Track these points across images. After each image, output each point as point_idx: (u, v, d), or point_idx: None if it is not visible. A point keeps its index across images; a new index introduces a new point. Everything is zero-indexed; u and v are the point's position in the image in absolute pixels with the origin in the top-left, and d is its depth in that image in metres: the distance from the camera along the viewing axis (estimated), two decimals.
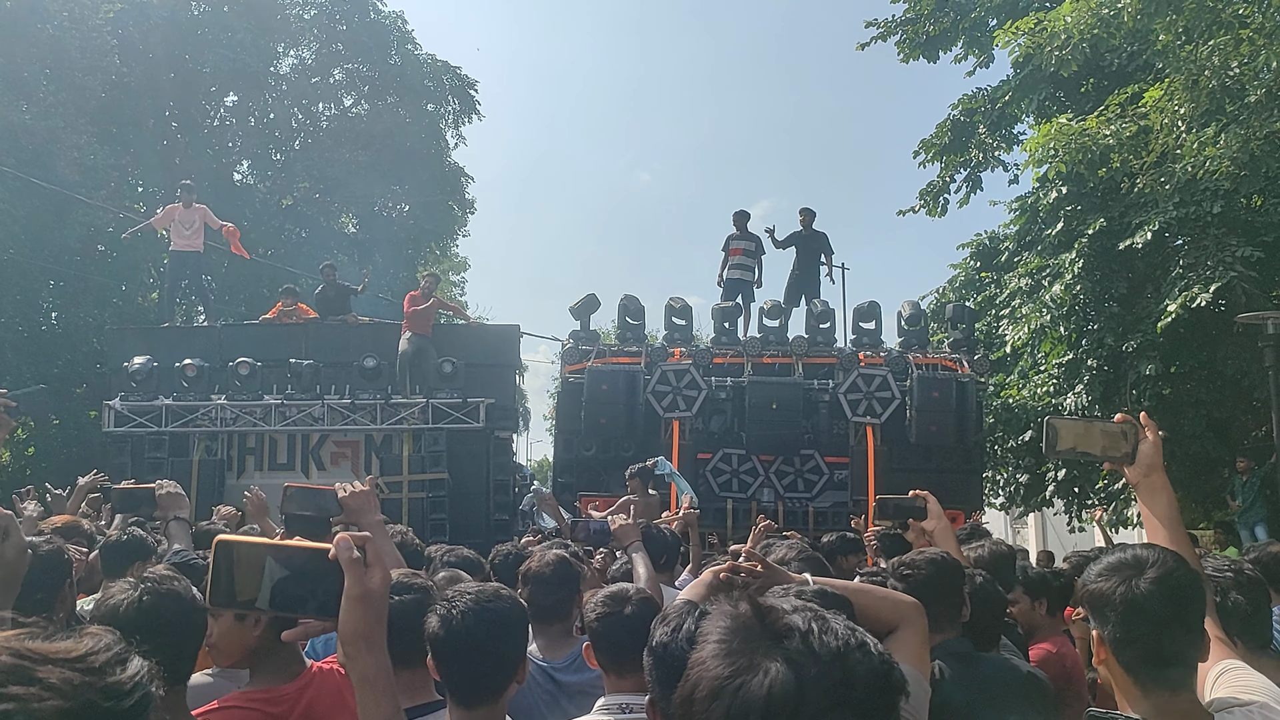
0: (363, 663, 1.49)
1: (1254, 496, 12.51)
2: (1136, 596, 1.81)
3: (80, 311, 20.67)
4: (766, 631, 0.99)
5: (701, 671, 0.99)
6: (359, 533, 1.53)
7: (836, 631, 0.98)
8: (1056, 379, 14.79)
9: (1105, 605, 1.84)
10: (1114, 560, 1.89)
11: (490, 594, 2.43)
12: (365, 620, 1.47)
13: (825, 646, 0.96)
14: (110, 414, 12.47)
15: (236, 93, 26.44)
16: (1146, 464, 2.36)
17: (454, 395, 12.55)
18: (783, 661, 0.95)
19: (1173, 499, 2.36)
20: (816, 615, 1.01)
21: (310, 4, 27.64)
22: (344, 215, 28.80)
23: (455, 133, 30.08)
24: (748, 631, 1.00)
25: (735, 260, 14.08)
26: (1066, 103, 15.51)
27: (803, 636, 0.97)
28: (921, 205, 18.07)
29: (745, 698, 0.94)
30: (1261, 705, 1.88)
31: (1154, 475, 2.36)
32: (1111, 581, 1.84)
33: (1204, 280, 11.96)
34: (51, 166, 18.79)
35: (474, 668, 2.30)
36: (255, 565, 1.46)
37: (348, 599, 1.45)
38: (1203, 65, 10.62)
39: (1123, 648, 1.83)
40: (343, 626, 1.46)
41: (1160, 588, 1.82)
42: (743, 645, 0.98)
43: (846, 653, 0.96)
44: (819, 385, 12.48)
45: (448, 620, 2.31)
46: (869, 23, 17.94)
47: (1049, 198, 14.35)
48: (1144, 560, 1.86)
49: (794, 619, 1.00)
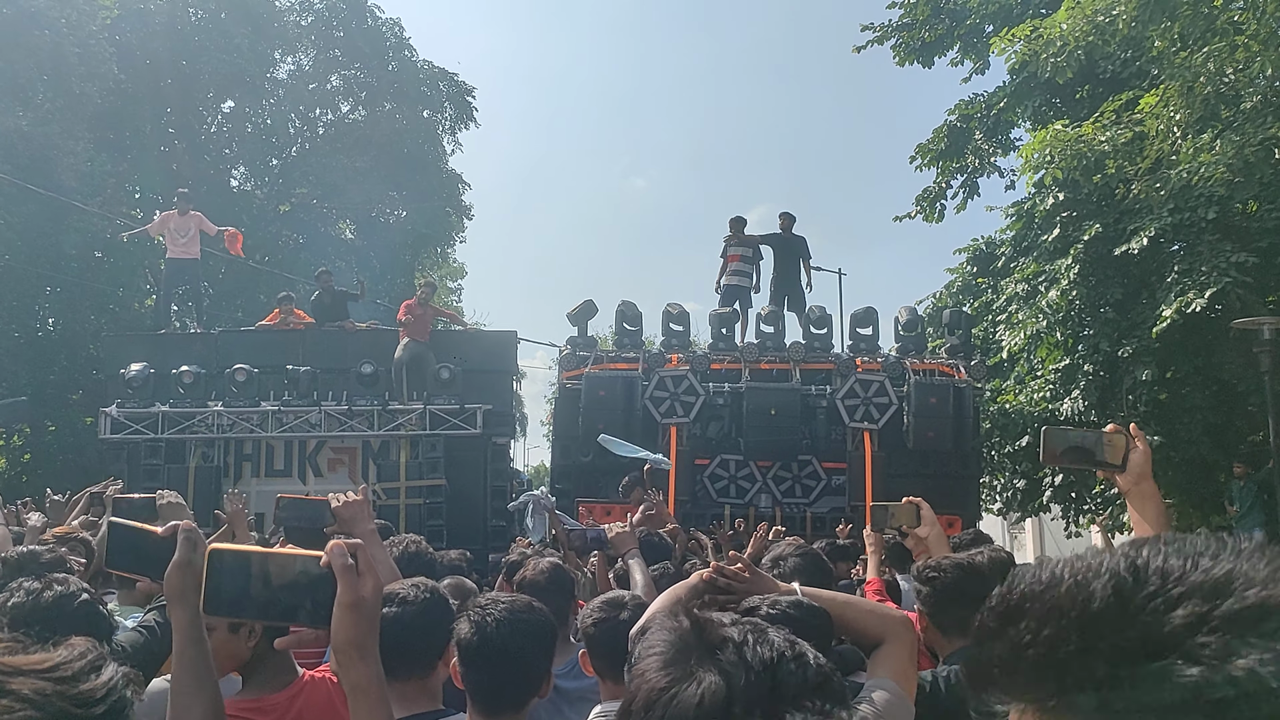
0: (356, 671, 1.48)
1: (1251, 501, 12.53)
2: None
3: (77, 318, 20.65)
4: (703, 644, 1.02)
5: (641, 682, 1.02)
6: (351, 540, 1.52)
7: (773, 644, 1.01)
8: (1053, 384, 14.81)
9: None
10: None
11: (524, 605, 2.44)
12: (358, 628, 1.46)
13: (758, 657, 0.99)
14: (107, 421, 12.45)
15: (234, 99, 26.46)
16: (1137, 472, 2.40)
17: (451, 401, 12.55)
18: (716, 672, 0.98)
19: (1162, 506, 2.40)
20: (754, 628, 1.04)
21: (307, 10, 27.68)
22: (341, 221, 28.83)
23: (452, 139, 30.17)
24: (685, 644, 1.03)
25: (733, 266, 14.09)
26: (1062, 109, 15.56)
27: (736, 648, 1.00)
28: (918, 211, 18.11)
29: (678, 707, 0.97)
30: None
31: (1144, 483, 2.40)
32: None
33: (1199, 286, 11.98)
34: (49, 173, 18.79)
35: (503, 677, 2.30)
36: (247, 573, 1.46)
37: (340, 607, 1.44)
38: (1198, 72, 10.66)
39: None
40: (336, 635, 1.45)
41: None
42: (679, 657, 1.02)
43: (779, 664, 0.99)
44: (816, 391, 12.49)
45: (482, 628, 2.31)
46: (865, 26, 18.00)
47: (1045, 204, 14.38)
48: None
49: (730, 631, 1.03)
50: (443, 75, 29.55)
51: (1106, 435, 2.44)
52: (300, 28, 27.48)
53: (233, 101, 26.66)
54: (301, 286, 23.10)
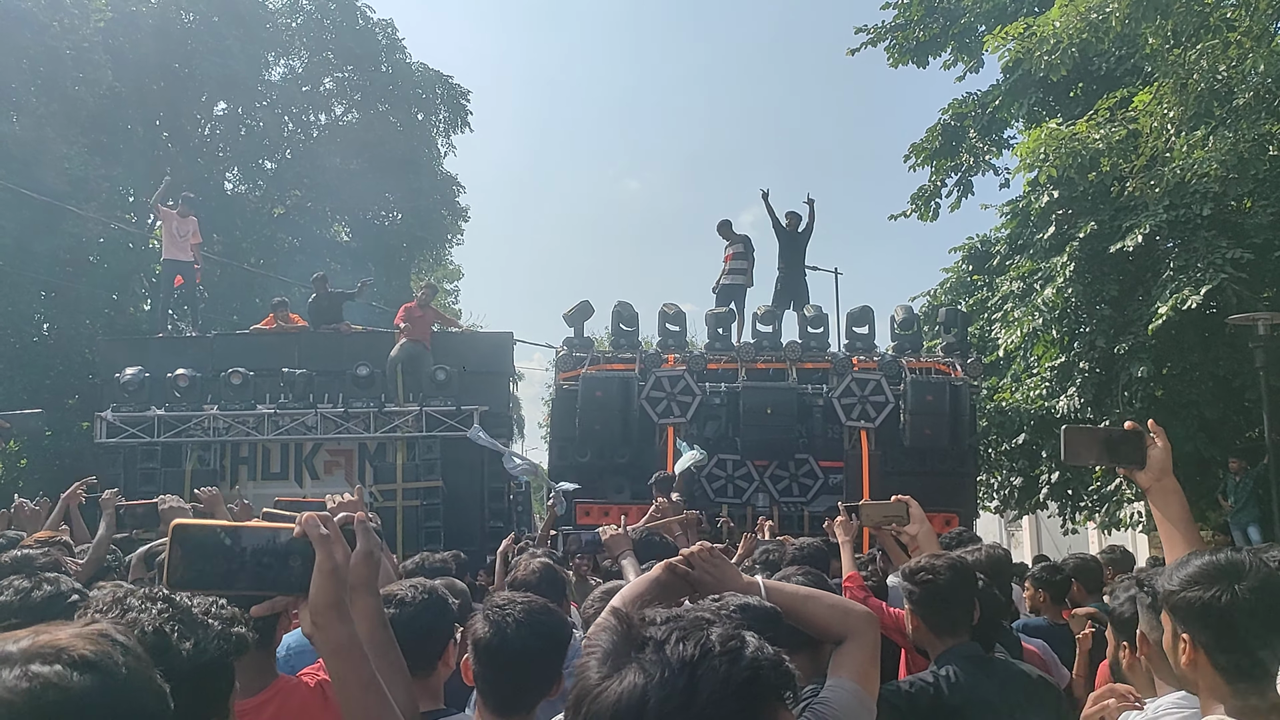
0: (335, 631, 1.55)
1: (1246, 497, 12.56)
2: (1240, 605, 1.81)
3: (72, 322, 20.59)
4: (630, 642, 1.05)
5: (578, 679, 1.06)
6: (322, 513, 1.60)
7: (699, 641, 1.03)
8: (1049, 382, 14.83)
9: (1205, 613, 1.84)
10: (1205, 566, 1.88)
11: (541, 606, 2.43)
12: (336, 591, 1.55)
13: (677, 655, 1.01)
14: (102, 425, 12.43)
15: (226, 102, 26.41)
16: (1158, 469, 2.42)
17: (448, 403, 12.54)
18: (636, 670, 1.01)
19: (1184, 502, 2.41)
20: (681, 626, 1.05)
21: (298, 13, 27.64)
22: (336, 224, 28.78)
23: (446, 141, 30.15)
24: (615, 644, 1.06)
25: (729, 265, 14.11)
26: (1056, 107, 15.59)
27: (656, 646, 1.03)
28: (913, 210, 18.12)
29: (600, 704, 1.01)
30: None
31: (1165, 480, 2.41)
32: (1210, 589, 1.84)
33: (1194, 282, 12.00)
34: (43, 177, 18.73)
35: (518, 678, 2.30)
36: (214, 547, 1.50)
37: (319, 573, 1.52)
38: (1191, 69, 10.68)
39: (1221, 654, 1.84)
40: (314, 598, 1.53)
41: (1263, 595, 1.82)
42: (608, 655, 1.05)
43: (698, 662, 1.00)
44: (813, 390, 12.50)
45: (501, 629, 2.30)
46: (859, 29, 18.00)
47: (1040, 202, 14.40)
48: (1241, 566, 1.86)
49: (654, 630, 1.05)
50: (437, 78, 29.53)
51: (1126, 434, 2.45)
52: (291, 30, 27.43)
53: (225, 104, 26.61)
54: (297, 290, 23.08)
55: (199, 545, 1.50)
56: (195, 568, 1.50)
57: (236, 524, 1.59)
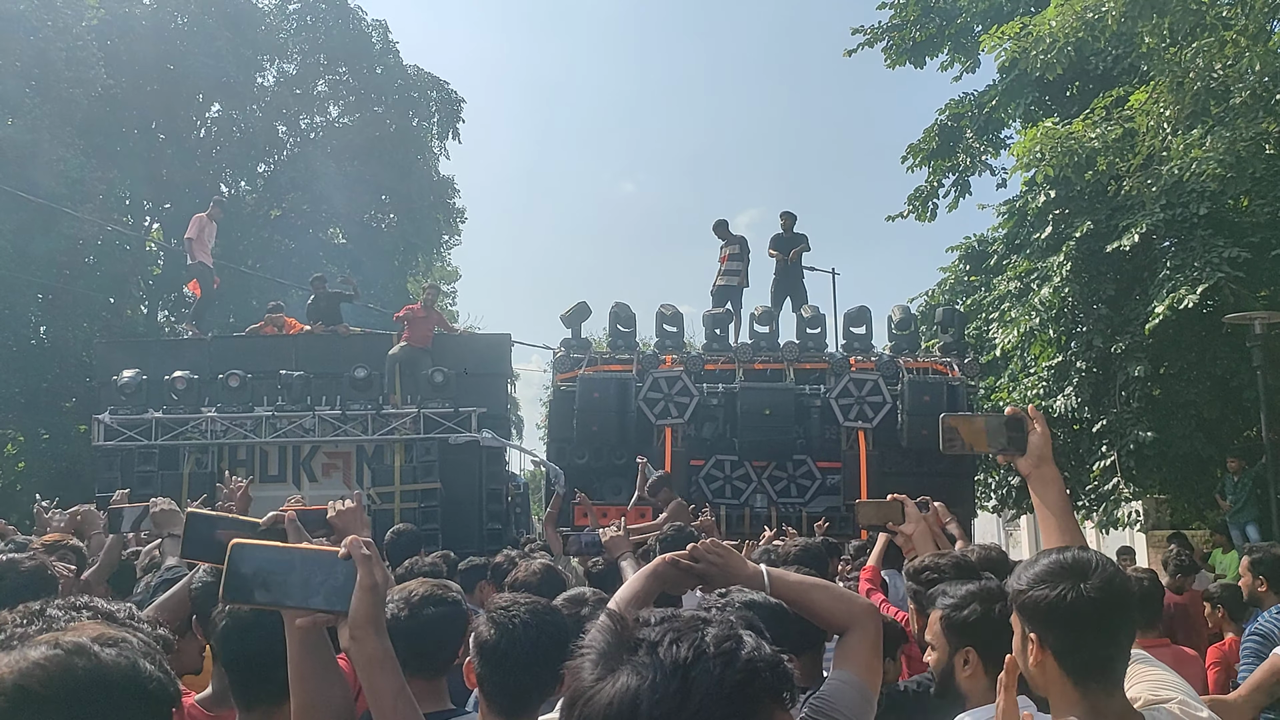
0: (371, 644, 1.68)
1: (1245, 496, 12.55)
2: (1085, 604, 1.78)
3: (68, 325, 20.57)
4: (624, 643, 1.04)
5: (572, 679, 1.06)
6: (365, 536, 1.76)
7: (693, 643, 1.02)
8: (1046, 381, 14.83)
9: (1049, 613, 1.80)
10: (1051, 565, 1.84)
11: (545, 607, 2.44)
12: (376, 608, 1.69)
13: (671, 657, 1.00)
14: (100, 428, 12.41)
15: (221, 104, 26.39)
16: (1037, 455, 2.39)
17: (446, 405, 12.52)
18: (630, 672, 1.00)
19: (1063, 490, 2.39)
20: (675, 628, 1.04)
21: (292, 15, 27.63)
22: (332, 226, 28.78)
23: (441, 144, 30.14)
24: (610, 645, 1.05)
25: (725, 266, 14.12)
26: (1053, 106, 15.59)
27: (650, 648, 1.02)
28: (910, 210, 18.12)
29: (593, 706, 1.01)
30: (1181, 700, 1.90)
31: (1044, 467, 2.38)
32: (1056, 589, 1.80)
33: (1191, 281, 12.00)
34: (39, 179, 18.72)
35: (524, 679, 2.29)
36: (269, 565, 1.65)
37: (361, 589, 1.66)
38: (1187, 68, 10.68)
39: (1067, 655, 1.81)
40: (355, 613, 1.66)
41: (1106, 594, 1.79)
42: (602, 656, 1.04)
43: (692, 664, 0.99)
44: (810, 391, 12.50)
45: (508, 630, 2.30)
46: (855, 29, 17.99)
47: (1037, 201, 14.40)
48: (1086, 564, 1.82)
49: (648, 631, 1.05)
50: (431, 81, 29.54)
51: (1007, 420, 2.42)
52: (285, 32, 27.42)
53: (220, 106, 26.60)
54: (294, 292, 23.06)
55: (252, 562, 1.64)
56: (247, 583, 1.63)
57: (287, 544, 1.74)
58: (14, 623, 1.65)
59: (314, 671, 1.79)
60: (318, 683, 1.81)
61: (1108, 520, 14.28)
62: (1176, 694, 1.93)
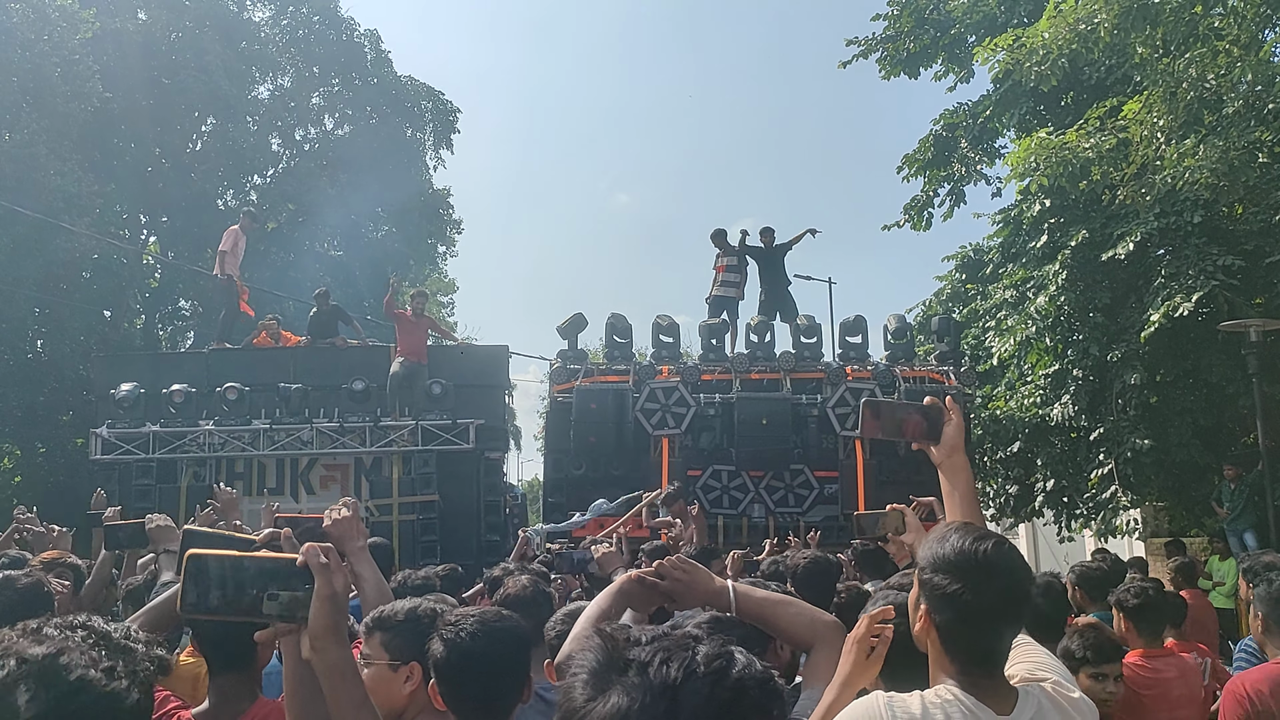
0: (333, 654, 1.65)
1: (1242, 504, 12.56)
2: (980, 607, 1.79)
3: (66, 339, 20.54)
4: (614, 663, 1.05)
5: (563, 699, 1.07)
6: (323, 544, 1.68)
7: (683, 662, 1.03)
8: (1043, 390, 14.86)
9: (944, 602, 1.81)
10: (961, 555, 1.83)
11: (494, 614, 2.46)
12: (335, 616, 1.64)
13: (661, 677, 1.01)
14: (97, 441, 12.40)
15: (215, 117, 26.42)
16: (950, 445, 2.45)
17: (443, 417, 12.53)
18: (620, 692, 1.01)
19: (971, 478, 2.45)
20: (665, 647, 1.05)
21: (285, 28, 27.68)
22: (327, 239, 28.79)
23: (435, 155, 30.19)
24: (600, 664, 1.06)
25: (721, 277, 14.15)
26: (1047, 116, 15.65)
27: (640, 668, 1.03)
28: (906, 220, 18.16)
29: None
30: (1055, 681, 1.93)
31: (956, 456, 2.45)
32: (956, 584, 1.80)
33: (1186, 289, 12.05)
34: (36, 194, 18.70)
35: (483, 688, 2.30)
36: (227, 575, 1.60)
37: (318, 599, 1.62)
38: (1180, 78, 10.74)
39: (951, 640, 1.83)
40: (314, 623, 1.62)
41: (1004, 601, 1.81)
42: (593, 676, 1.05)
43: (682, 684, 1.01)
44: (807, 400, 12.52)
45: (456, 643, 2.31)
46: (850, 41, 18.07)
47: (1032, 210, 14.45)
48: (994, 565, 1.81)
49: (639, 651, 1.05)
50: (425, 91, 29.58)
51: (924, 409, 2.47)
52: (278, 45, 27.46)
53: (214, 120, 26.63)
54: (291, 304, 23.07)
55: (208, 573, 1.60)
56: (204, 594, 1.60)
57: (243, 553, 1.67)
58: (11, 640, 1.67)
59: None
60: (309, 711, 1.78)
61: (1106, 528, 14.29)
62: (1051, 674, 1.96)
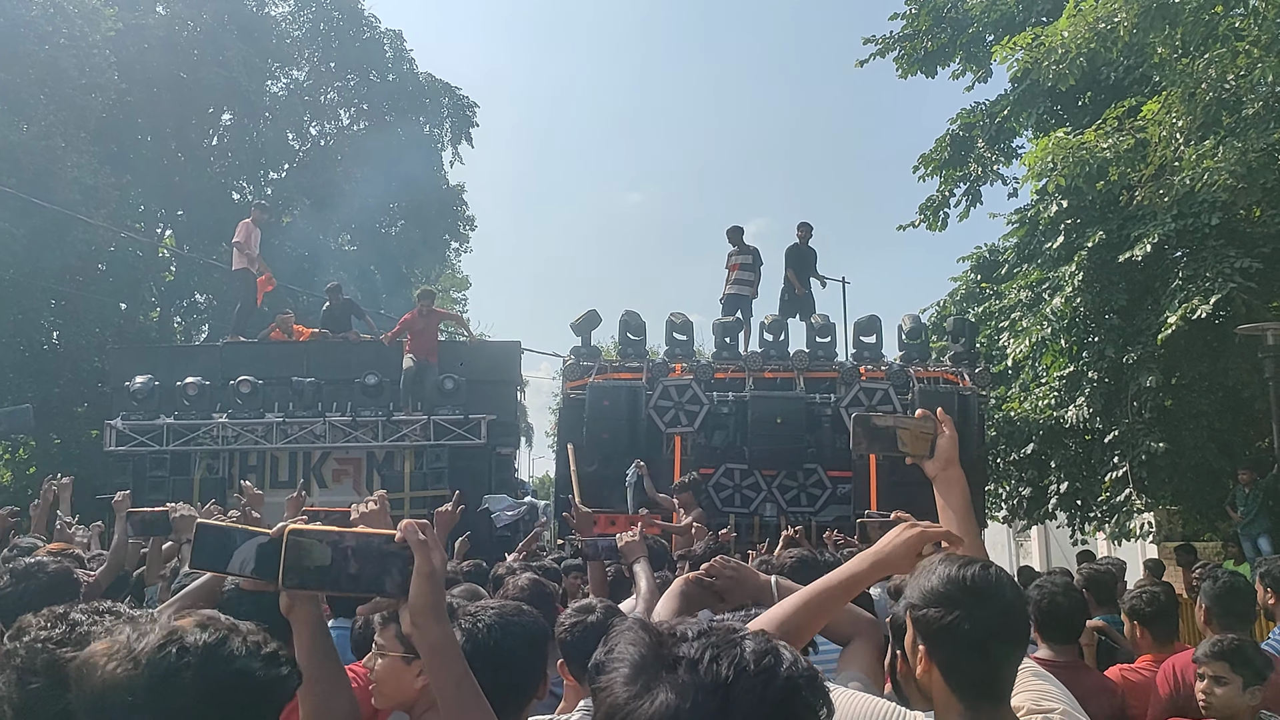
0: (433, 632, 1.65)
1: (1256, 508, 12.48)
2: (977, 633, 1.74)
3: (81, 331, 20.68)
4: (661, 660, 1.04)
5: (605, 694, 1.05)
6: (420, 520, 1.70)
7: (733, 659, 1.02)
8: (1058, 392, 14.79)
9: (940, 635, 1.77)
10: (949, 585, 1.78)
11: (513, 609, 2.45)
12: (435, 594, 1.65)
13: (712, 675, 1.00)
14: (112, 433, 12.48)
15: (232, 112, 26.56)
16: (944, 459, 2.41)
17: (455, 412, 12.55)
18: (669, 690, 1.00)
19: (966, 491, 2.40)
20: (715, 643, 1.04)
21: (304, 23, 27.78)
22: (342, 233, 28.91)
23: (452, 151, 30.26)
24: (645, 659, 1.05)
25: (735, 275, 14.12)
26: (1064, 116, 15.57)
27: (690, 666, 1.02)
28: (921, 220, 18.10)
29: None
30: (1064, 711, 1.90)
31: (950, 469, 2.40)
32: (949, 613, 1.76)
33: (1204, 292, 11.97)
34: (53, 186, 18.83)
35: (499, 682, 2.29)
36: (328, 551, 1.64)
37: (418, 576, 1.62)
38: (1200, 78, 10.67)
39: (953, 673, 1.77)
40: (414, 600, 1.63)
41: (1001, 624, 1.76)
42: (638, 673, 1.03)
43: (734, 683, 1.00)
44: (821, 399, 12.49)
45: (473, 634, 2.30)
46: (867, 39, 18.01)
47: (1048, 211, 14.37)
48: (984, 588, 1.77)
49: (686, 648, 1.04)
50: (444, 89, 29.64)
51: (915, 422, 2.44)
52: (297, 40, 27.57)
53: (231, 114, 26.76)
54: (305, 298, 23.15)
55: (308, 549, 1.63)
56: (304, 569, 1.62)
57: (341, 529, 1.69)
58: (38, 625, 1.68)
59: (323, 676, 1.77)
60: (327, 687, 1.80)
61: (1120, 532, 14.22)
62: (1059, 704, 1.93)
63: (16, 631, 1.69)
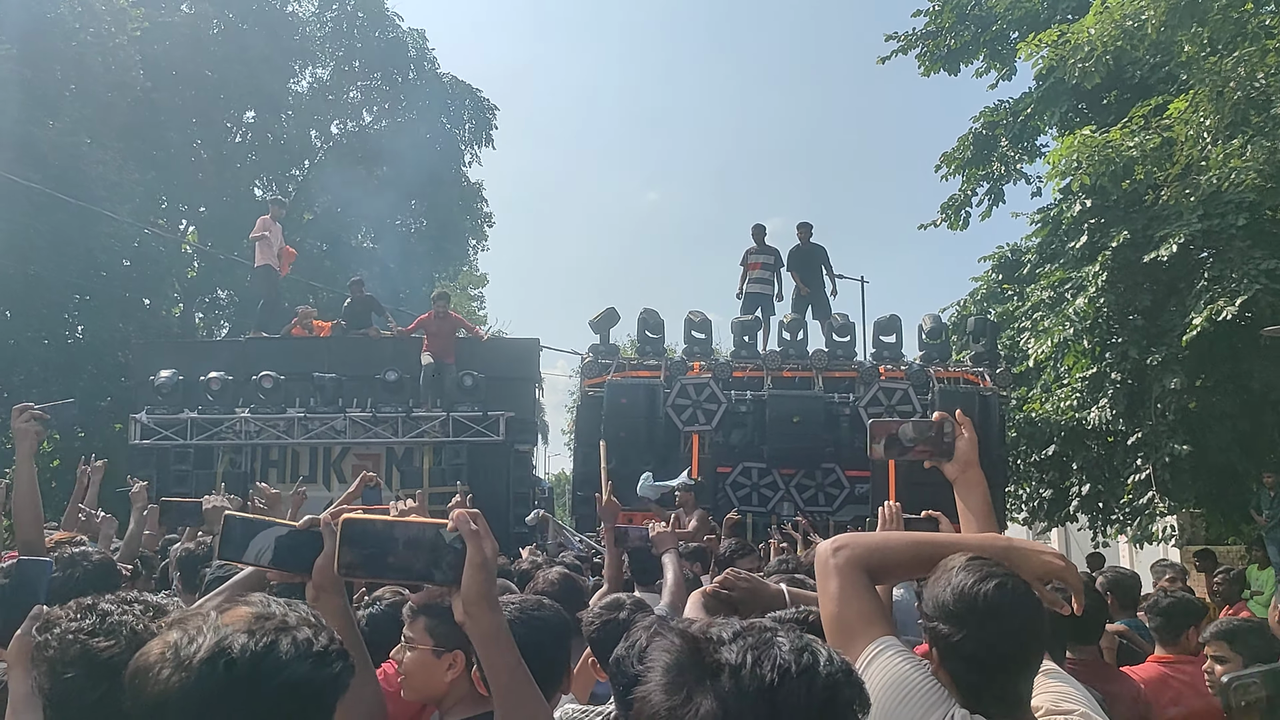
0: (486, 620, 1.65)
1: None
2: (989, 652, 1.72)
3: (106, 325, 20.87)
4: (702, 666, 1.03)
5: (643, 704, 1.04)
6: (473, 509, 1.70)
7: (775, 662, 1.01)
8: (1080, 393, 14.65)
9: (953, 650, 1.75)
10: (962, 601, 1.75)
11: (534, 603, 2.47)
12: (487, 583, 1.65)
13: (756, 680, 1.00)
14: (136, 427, 12.59)
15: (255, 109, 26.75)
16: (964, 460, 2.40)
17: (474, 409, 12.59)
18: (713, 698, 0.99)
19: (986, 493, 2.39)
20: (755, 645, 1.03)
21: (327, 22, 27.95)
22: (362, 230, 29.07)
23: (472, 151, 30.35)
24: (684, 665, 1.04)
25: (754, 274, 14.08)
26: (1089, 115, 15.41)
27: (732, 672, 1.01)
28: (943, 219, 17.98)
29: None
30: (1083, 713, 1.88)
31: (970, 471, 2.39)
32: (961, 632, 1.74)
33: (1229, 293, 11.82)
34: (79, 182, 19.02)
35: None
36: (381, 540, 1.66)
37: (471, 565, 1.62)
38: (1228, 77, 10.55)
39: (968, 687, 1.75)
40: (467, 589, 1.63)
41: (1014, 645, 1.74)
42: (679, 679, 1.03)
43: (779, 686, 0.99)
44: (840, 399, 12.44)
45: None
46: (889, 36, 17.89)
47: (1072, 210, 14.24)
48: (999, 607, 1.73)
49: (727, 653, 1.03)
50: (466, 89, 29.75)
51: (934, 425, 2.43)
52: (320, 39, 27.75)
53: (254, 112, 26.95)
54: (325, 294, 23.28)
55: (361, 537, 1.66)
56: (358, 556, 1.65)
57: (398, 519, 1.71)
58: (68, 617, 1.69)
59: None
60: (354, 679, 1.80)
61: (1142, 535, 14.09)
62: (1079, 706, 1.90)
63: (46, 624, 1.70)
